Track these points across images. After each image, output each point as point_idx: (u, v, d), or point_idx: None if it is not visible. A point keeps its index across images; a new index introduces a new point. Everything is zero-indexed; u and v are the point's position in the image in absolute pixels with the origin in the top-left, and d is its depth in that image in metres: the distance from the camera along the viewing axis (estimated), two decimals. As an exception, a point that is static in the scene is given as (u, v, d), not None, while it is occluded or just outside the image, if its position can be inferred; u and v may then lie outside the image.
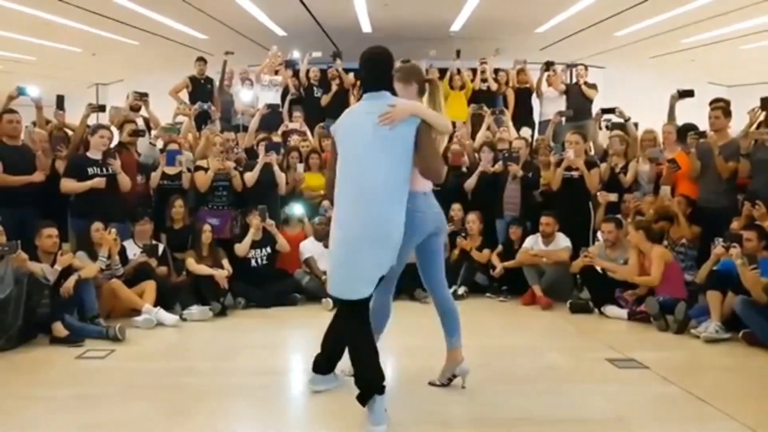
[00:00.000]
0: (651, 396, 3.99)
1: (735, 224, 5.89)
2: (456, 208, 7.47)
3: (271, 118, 9.18)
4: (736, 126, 6.82)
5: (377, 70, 3.70)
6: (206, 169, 7.08)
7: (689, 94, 7.29)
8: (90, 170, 6.38)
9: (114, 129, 7.25)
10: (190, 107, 8.66)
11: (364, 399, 3.45)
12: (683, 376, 4.32)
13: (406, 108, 3.53)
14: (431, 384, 4.09)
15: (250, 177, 7.18)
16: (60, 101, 7.52)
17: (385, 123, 3.46)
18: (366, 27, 11.81)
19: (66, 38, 12.08)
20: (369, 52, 3.72)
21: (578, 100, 9.63)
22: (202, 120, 8.49)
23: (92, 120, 7.46)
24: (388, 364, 4.54)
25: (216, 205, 7.12)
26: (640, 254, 6.19)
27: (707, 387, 4.10)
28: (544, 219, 6.88)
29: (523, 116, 9.99)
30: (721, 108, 6.46)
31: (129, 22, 11.02)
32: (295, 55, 10.79)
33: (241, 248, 6.69)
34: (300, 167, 7.66)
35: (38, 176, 6.26)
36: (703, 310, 5.47)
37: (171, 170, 7.11)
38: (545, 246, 6.85)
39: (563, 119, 8.88)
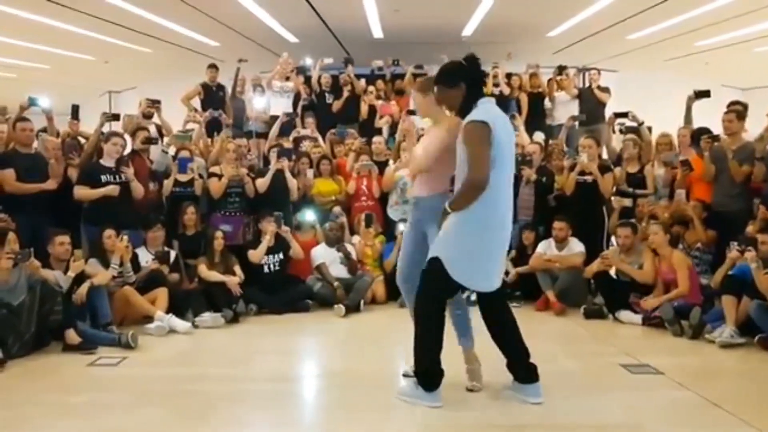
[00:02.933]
0: (666, 402, 3.95)
1: (750, 228, 5.83)
2: (468, 213, 7.43)
3: (283, 125, 9.24)
4: (753, 129, 6.76)
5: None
6: (219, 176, 7.09)
7: (705, 94, 7.24)
8: (103, 177, 6.40)
9: (127, 136, 7.29)
10: (201, 114, 8.69)
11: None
12: (698, 381, 4.27)
13: None
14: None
15: (262, 183, 7.19)
16: (75, 111, 7.57)
17: None
18: (377, 33, 11.82)
19: (79, 46, 12.17)
20: (475, 58, 3.88)
21: (591, 104, 9.58)
22: (213, 127, 8.51)
23: (106, 128, 7.50)
24: (402, 369, 4.52)
25: (228, 212, 7.12)
26: (655, 258, 6.14)
27: (723, 392, 4.05)
28: (557, 224, 6.83)
29: (535, 121, 9.95)
30: (735, 111, 6.42)
31: (141, 30, 11.09)
32: (308, 61, 10.81)
33: (256, 254, 6.69)
34: (310, 173, 7.66)
35: (51, 184, 6.30)
36: (718, 314, 5.41)
37: (183, 177, 7.12)
38: (559, 251, 6.81)
39: (576, 123, 8.83)
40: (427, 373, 3.81)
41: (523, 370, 3.93)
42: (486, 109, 3.72)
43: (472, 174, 3.60)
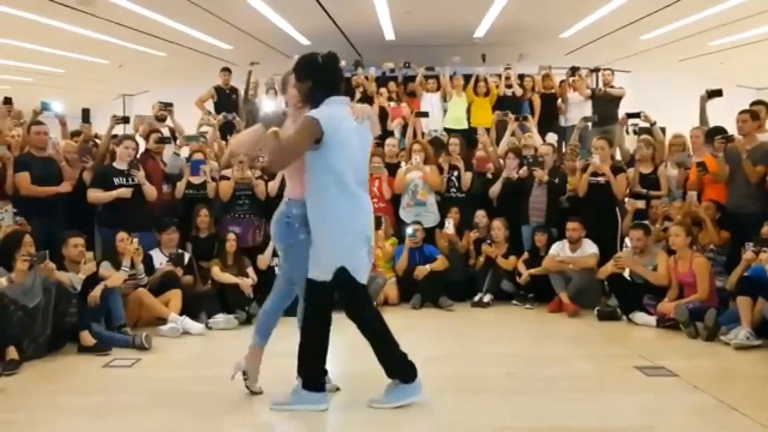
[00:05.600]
0: (681, 404, 3.92)
1: (765, 229, 5.78)
2: (481, 215, 7.44)
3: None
4: (766, 129, 6.72)
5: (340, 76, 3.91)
6: (230, 179, 7.12)
7: (718, 93, 7.22)
8: (116, 180, 6.46)
9: (140, 138, 7.34)
10: (215, 117, 8.72)
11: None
12: (714, 384, 4.25)
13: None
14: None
15: (273, 186, 7.21)
16: (85, 115, 7.64)
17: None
18: (389, 35, 11.82)
19: (93, 51, 12.24)
20: (334, 57, 3.78)
21: (604, 105, 9.53)
22: (227, 130, 8.55)
23: (118, 130, 7.55)
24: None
25: (238, 214, 7.14)
26: (670, 259, 6.11)
27: (739, 395, 4.02)
28: (570, 225, 6.81)
29: (548, 122, 9.93)
30: (749, 112, 6.38)
31: (155, 34, 11.15)
32: None
33: (263, 260, 6.73)
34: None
35: (65, 187, 6.36)
36: (734, 316, 5.37)
37: (196, 180, 7.16)
38: (572, 252, 6.78)
39: (590, 125, 8.80)
40: (314, 374, 3.88)
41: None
42: (327, 110, 3.66)
43: (279, 155, 3.60)
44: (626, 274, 6.40)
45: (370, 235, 3.83)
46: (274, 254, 6.74)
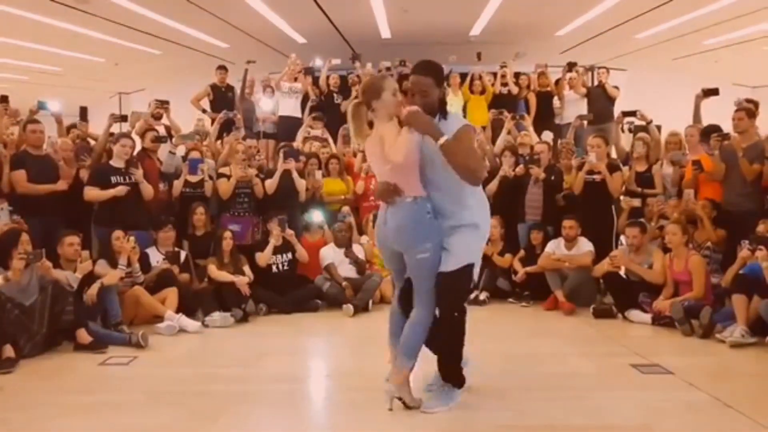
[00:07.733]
0: (677, 402, 3.92)
1: (761, 227, 5.79)
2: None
3: (292, 126, 9.25)
4: (764, 127, 6.73)
5: None
6: (229, 177, 7.12)
7: (714, 92, 7.23)
8: (113, 179, 6.45)
9: (136, 137, 7.33)
10: (211, 115, 8.71)
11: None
12: (709, 381, 4.25)
13: None
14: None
15: (270, 184, 7.21)
16: (83, 113, 7.62)
17: None
18: (385, 33, 11.83)
19: (90, 49, 12.23)
20: None
21: (600, 103, 9.54)
22: (224, 128, 8.54)
23: (115, 129, 7.54)
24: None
25: (237, 212, 7.14)
26: (665, 257, 6.12)
27: (734, 393, 4.03)
28: (566, 222, 6.82)
29: (544, 120, 9.94)
30: (745, 109, 6.39)
31: (151, 32, 11.14)
32: (318, 62, 10.84)
33: (263, 258, 6.71)
34: (318, 174, 7.67)
35: (62, 185, 6.35)
36: (729, 314, 5.38)
37: (193, 178, 7.15)
38: (567, 250, 6.79)
39: (585, 123, 8.81)
40: (459, 372, 3.85)
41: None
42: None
43: (480, 169, 3.73)
44: (622, 272, 6.41)
45: None
46: (273, 252, 6.74)
